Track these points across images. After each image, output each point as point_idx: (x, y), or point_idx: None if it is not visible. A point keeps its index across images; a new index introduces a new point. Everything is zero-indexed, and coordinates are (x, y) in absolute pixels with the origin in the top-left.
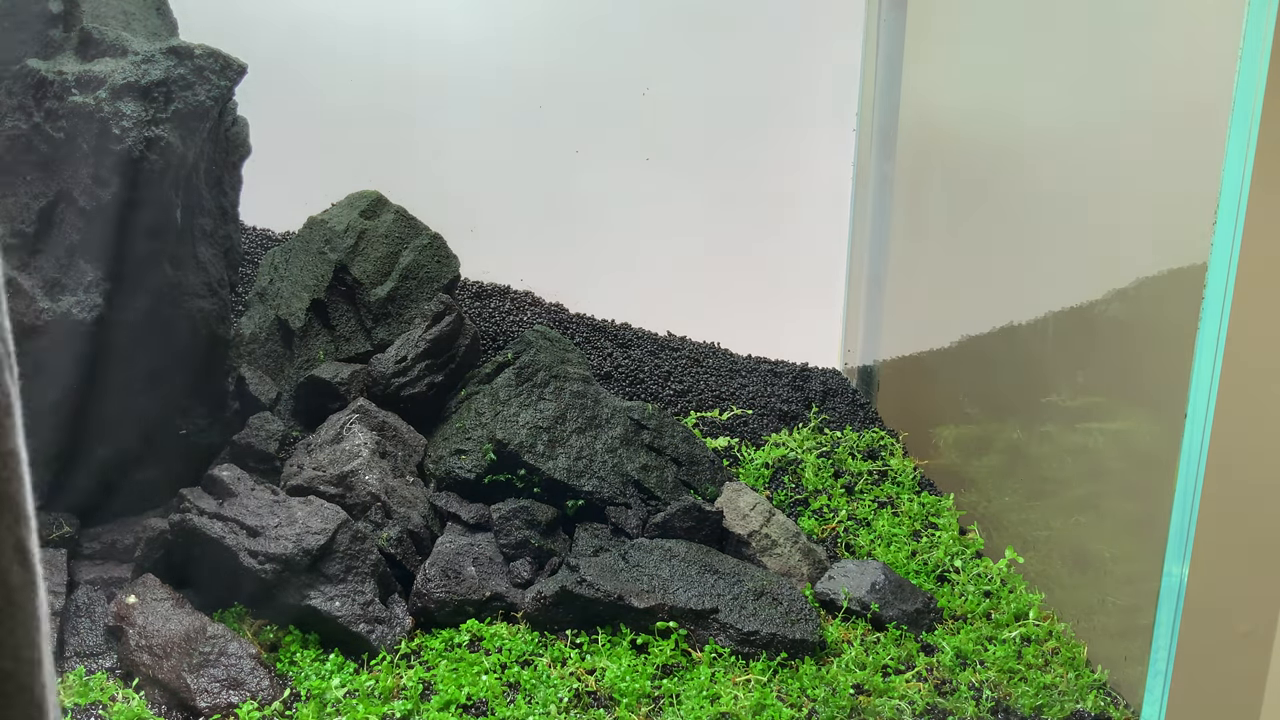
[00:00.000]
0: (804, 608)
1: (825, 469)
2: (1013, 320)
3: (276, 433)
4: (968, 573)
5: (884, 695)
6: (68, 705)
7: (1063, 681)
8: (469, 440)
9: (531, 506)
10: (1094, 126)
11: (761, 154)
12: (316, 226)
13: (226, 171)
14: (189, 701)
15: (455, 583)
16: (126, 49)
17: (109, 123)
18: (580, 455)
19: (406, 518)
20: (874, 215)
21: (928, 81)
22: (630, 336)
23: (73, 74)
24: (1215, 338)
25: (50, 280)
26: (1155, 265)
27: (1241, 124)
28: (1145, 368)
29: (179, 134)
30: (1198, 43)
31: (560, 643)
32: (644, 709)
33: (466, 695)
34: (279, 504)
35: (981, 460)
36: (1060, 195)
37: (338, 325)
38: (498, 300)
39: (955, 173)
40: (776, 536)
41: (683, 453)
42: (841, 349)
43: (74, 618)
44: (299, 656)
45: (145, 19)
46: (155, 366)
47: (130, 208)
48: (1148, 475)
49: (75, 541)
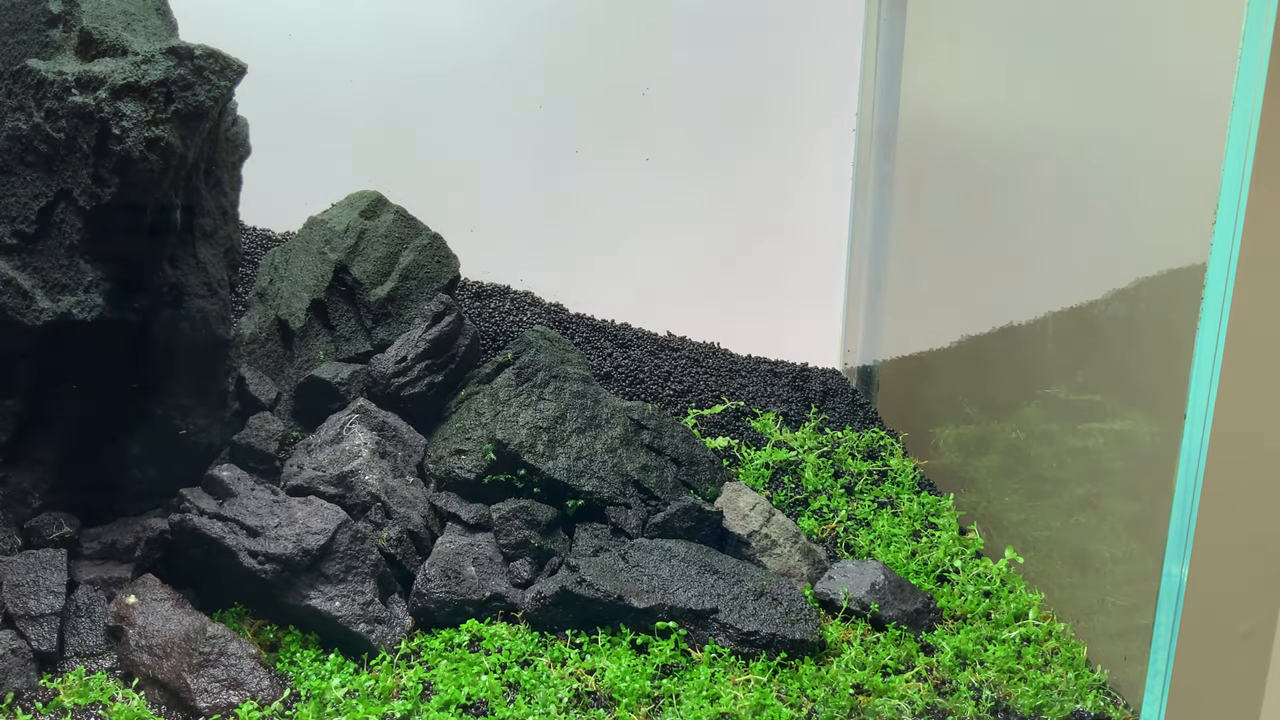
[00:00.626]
0: (804, 608)
1: (825, 469)
2: (1013, 320)
3: (276, 433)
4: (967, 573)
5: (884, 695)
6: (68, 705)
7: (1062, 681)
8: (469, 440)
9: (531, 506)
10: (1094, 126)
11: (761, 154)
12: (316, 226)
13: (226, 171)
14: (189, 701)
15: (455, 583)
16: (126, 49)
17: (109, 123)
18: (580, 455)
19: (406, 518)
20: (874, 215)
21: (928, 81)
22: (630, 336)
23: (73, 74)
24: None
25: (50, 280)
26: (1155, 265)
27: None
28: (1145, 368)
29: (179, 134)
30: (1198, 43)
31: (560, 643)
32: (644, 709)
33: (466, 695)
34: (279, 504)
35: (981, 460)
36: (1060, 195)
37: (338, 325)
38: (498, 300)
39: (955, 173)
40: (776, 536)
41: (683, 453)
42: (841, 349)
43: (74, 618)
44: (299, 656)
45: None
46: (155, 366)
47: (130, 208)
48: (1147, 475)
49: (75, 541)
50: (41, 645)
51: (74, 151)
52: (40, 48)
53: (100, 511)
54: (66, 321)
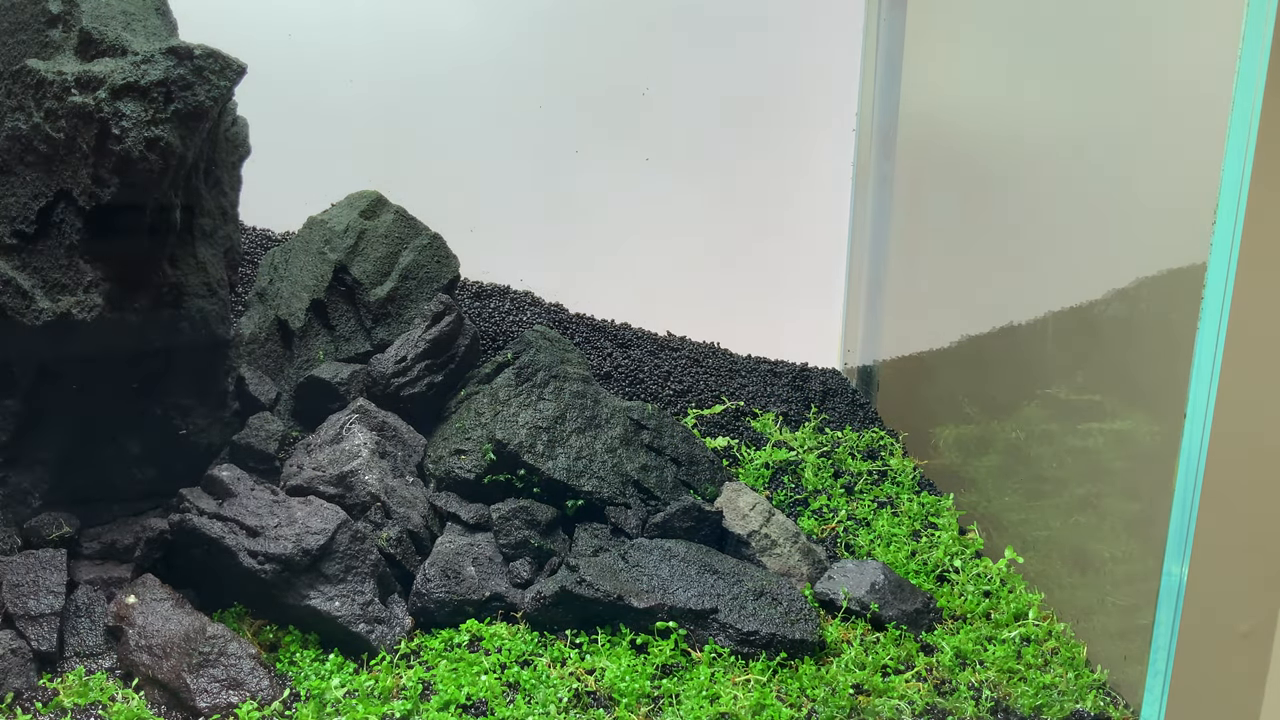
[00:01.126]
0: (804, 608)
1: (825, 469)
2: (1013, 320)
3: (276, 433)
4: (967, 573)
5: (883, 695)
6: (67, 705)
7: (1062, 681)
8: (469, 440)
9: (531, 506)
10: (1094, 126)
11: (761, 154)
12: (316, 226)
13: (226, 171)
14: (189, 701)
15: (455, 583)
16: (126, 49)
17: (109, 123)
18: (580, 455)
19: (406, 518)
20: (874, 215)
21: (928, 81)
22: (630, 336)
23: (73, 74)
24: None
25: (50, 280)
26: (1155, 265)
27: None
28: (1145, 368)
29: (179, 134)
30: (1198, 43)
31: (560, 643)
32: (644, 709)
33: (466, 695)
34: (279, 504)
35: (981, 460)
36: (1060, 195)
37: (337, 325)
38: (498, 300)
39: (955, 173)
40: (776, 536)
41: (682, 453)
42: (841, 349)
43: (74, 618)
44: (299, 656)
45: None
46: (155, 366)
47: (130, 208)
48: (1147, 475)
49: (75, 541)
50: (41, 645)
51: (74, 151)
52: (40, 48)
53: (100, 511)
54: (66, 321)
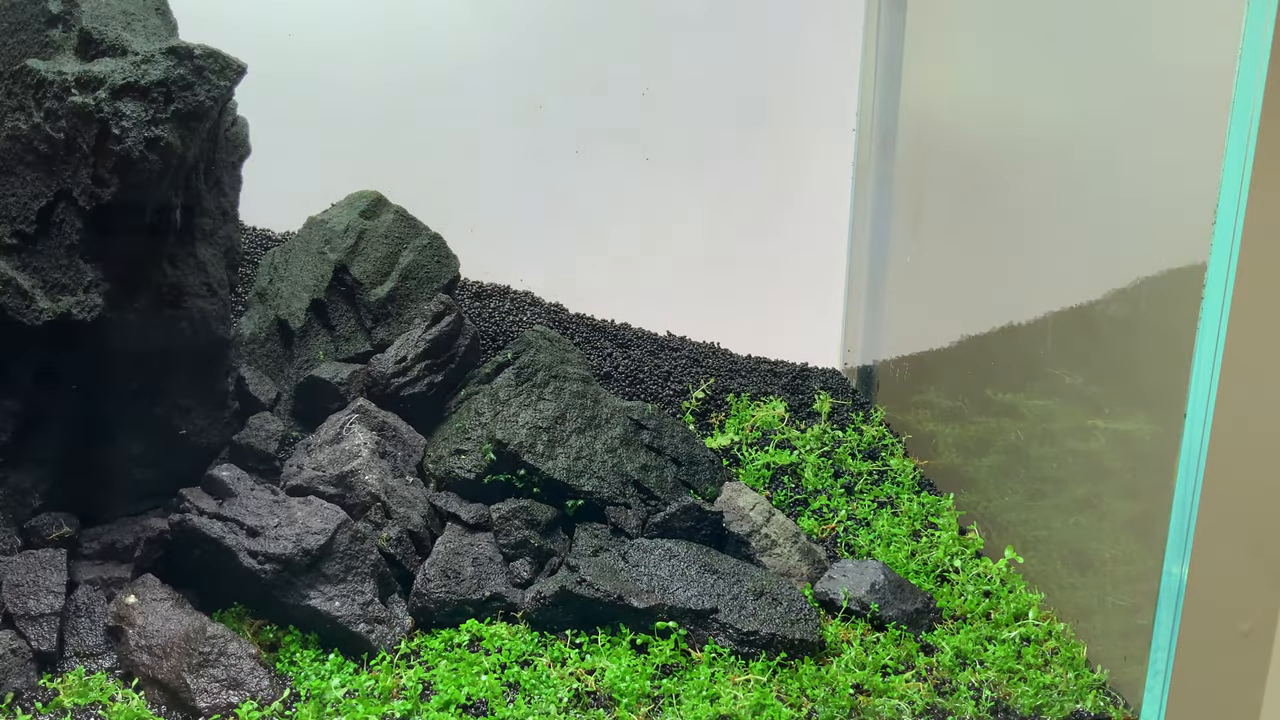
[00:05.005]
0: (804, 608)
1: (825, 469)
2: (1013, 320)
3: (276, 433)
4: (967, 573)
5: (883, 695)
6: (67, 705)
7: (1062, 681)
8: (469, 440)
9: (531, 506)
10: (1094, 126)
11: (761, 154)
12: (316, 226)
13: (226, 171)
14: (189, 701)
15: (455, 583)
16: (126, 49)
17: (109, 123)
18: (580, 455)
19: (406, 518)
20: (874, 215)
21: (928, 81)
22: (630, 336)
23: (73, 74)
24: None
25: (50, 280)
26: (1155, 265)
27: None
28: (1145, 368)
29: (179, 134)
30: (1198, 43)
31: (560, 643)
32: (644, 709)
33: (466, 695)
34: (279, 504)
35: (981, 460)
36: (1060, 195)
37: (337, 325)
38: (498, 300)
39: (955, 172)
40: (776, 536)
41: (682, 453)
42: (841, 349)
43: (74, 618)
44: (299, 656)
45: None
46: (155, 366)
47: (130, 208)
48: (1147, 475)
49: (75, 541)
50: (41, 645)
51: (74, 151)
52: (40, 48)
53: (100, 511)
54: (66, 321)
